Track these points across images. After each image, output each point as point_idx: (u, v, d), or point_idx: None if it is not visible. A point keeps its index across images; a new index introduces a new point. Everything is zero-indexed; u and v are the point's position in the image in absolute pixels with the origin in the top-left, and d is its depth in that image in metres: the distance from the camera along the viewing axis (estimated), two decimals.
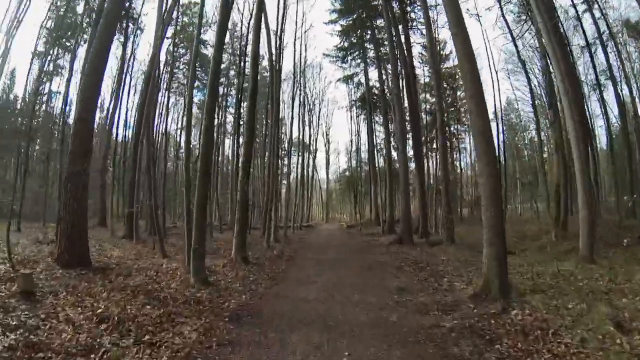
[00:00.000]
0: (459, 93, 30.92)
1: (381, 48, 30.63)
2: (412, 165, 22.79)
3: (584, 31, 17.10)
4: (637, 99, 18.33)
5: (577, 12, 16.83)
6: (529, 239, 16.39)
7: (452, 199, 26.71)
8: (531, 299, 5.97)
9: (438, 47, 26.75)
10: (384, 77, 29.30)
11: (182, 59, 28.89)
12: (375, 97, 35.12)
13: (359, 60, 34.94)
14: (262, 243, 15.88)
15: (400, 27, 21.77)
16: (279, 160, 27.61)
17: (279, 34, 19.08)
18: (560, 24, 15.13)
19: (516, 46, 18.97)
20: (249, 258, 11.46)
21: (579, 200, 10.86)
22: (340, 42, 34.85)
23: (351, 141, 41.29)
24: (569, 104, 10.56)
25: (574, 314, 5.06)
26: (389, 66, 32.40)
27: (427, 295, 7.29)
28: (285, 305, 6.60)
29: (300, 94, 31.48)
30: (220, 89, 27.64)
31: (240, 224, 11.38)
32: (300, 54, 29.38)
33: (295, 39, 25.25)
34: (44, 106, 27.55)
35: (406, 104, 23.81)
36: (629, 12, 17.63)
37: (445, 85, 31.26)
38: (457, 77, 27.87)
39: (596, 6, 16.54)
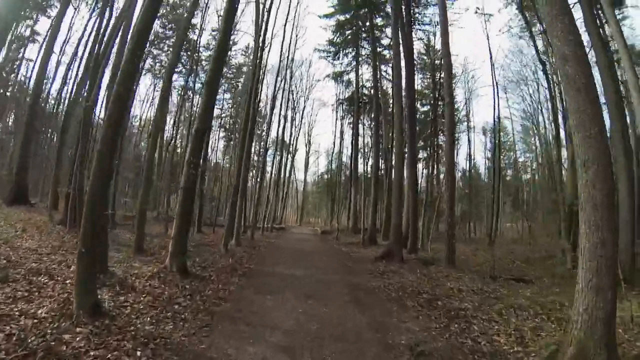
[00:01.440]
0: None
1: (379, 46, 27.85)
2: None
3: None
4: None
5: None
6: (536, 264, 13.69)
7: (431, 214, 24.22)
8: None
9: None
10: (379, 75, 26.36)
11: None
12: (364, 97, 32.28)
13: (351, 58, 32.01)
14: (220, 245, 12.37)
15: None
16: (258, 157, 24.31)
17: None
18: None
19: (535, 46, 16.34)
20: (188, 268, 7.96)
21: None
22: (334, 37, 31.92)
23: (333, 143, 38.11)
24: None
25: None
26: (383, 67, 30.15)
27: None
28: None
29: (284, 84, 28.07)
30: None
31: (181, 219, 7.80)
32: (291, 39, 25.88)
33: (286, 22, 21.77)
34: None
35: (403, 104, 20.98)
36: None
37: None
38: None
39: None
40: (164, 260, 8.33)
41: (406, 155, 17.23)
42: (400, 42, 15.76)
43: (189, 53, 26.17)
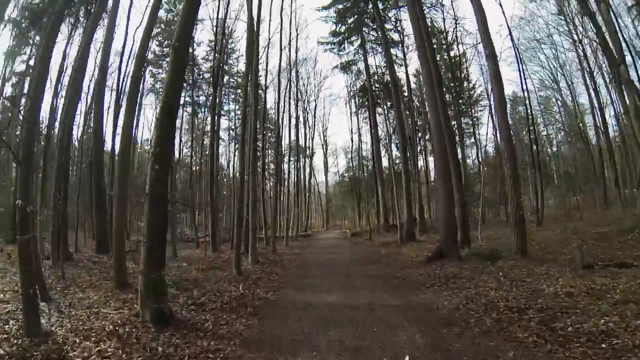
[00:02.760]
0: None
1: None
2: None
3: None
4: None
5: None
6: (614, 241, 10.48)
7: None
8: None
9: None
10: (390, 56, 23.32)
11: None
12: (377, 86, 29.32)
13: (357, 46, 29.16)
14: (232, 268, 9.68)
15: None
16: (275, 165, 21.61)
17: None
18: None
19: None
20: (174, 311, 5.26)
21: None
22: (336, 27, 29.22)
23: (351, 139, 35.19)
24: None
25: None
26: (393, 51, 27.01)
27: None
28: None
29: (290, 86, 25.44)
30: None
31: (149, 240, 5.03)
32: (290, 32, 23.26)
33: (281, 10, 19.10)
34: None
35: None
36: None
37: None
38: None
39: None
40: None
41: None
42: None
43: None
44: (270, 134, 33.88)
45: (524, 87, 20.86)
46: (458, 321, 4.81)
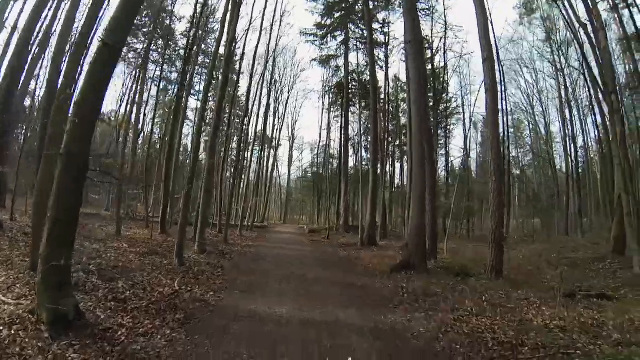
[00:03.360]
0: None
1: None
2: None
3: None
4: None
5: None
6: (583, 268, 10.47)
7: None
8: None
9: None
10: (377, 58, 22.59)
11: None
12: (354, 84, 28.59)
13: (340, 41, 28.20)
14: (174, 257, 8.33)
15: None
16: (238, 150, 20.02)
17: None
18: None
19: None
20: (72, 313, 3.95)
21: None
22: (322, 20, 28.06)
23: (319, 135, 34.25)
24: None
25: None
26: (375, 52, 26.30)
27: None
28: None
29: (265, 72, 23.99)
30: None
31: (55, 213, 3.61)
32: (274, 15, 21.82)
33: None
34: None
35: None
36: None
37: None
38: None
39: None
40: None
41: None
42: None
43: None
44: (238, 121, 32.16)
45: (502, 107, 21.10)
46: (441, 358, 3.95)
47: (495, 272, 8.53)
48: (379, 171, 20.76)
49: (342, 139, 27.18)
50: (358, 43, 27.93)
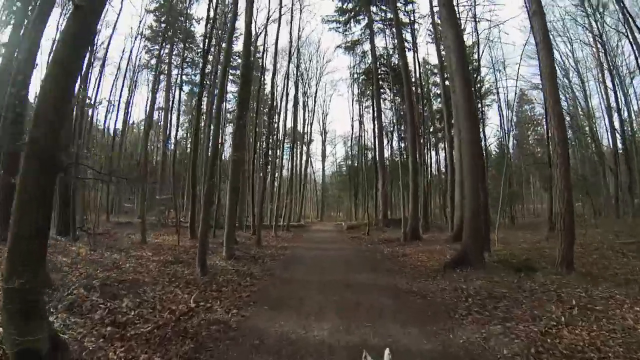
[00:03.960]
0: None
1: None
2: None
3: None
4: None
5: None
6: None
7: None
8: None
9: None
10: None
11: None
12: (384, 69, 26.87)
13: (363, 25, 26.60)
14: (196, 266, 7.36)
15: None
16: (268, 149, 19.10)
17: None
18: None
19: None
20: (45, 350, 2.97)
21: None
22: (343, 4, 26.68)
23: (352, 126, 32.58)
24: None
25: None
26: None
27: None
28: None
29: (290, 66, 22.91)
30: None
31: (18, 223, 2.69)
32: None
33: None
34: None
35: None
36: None
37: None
38: None
39: None
40: None
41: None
42: None
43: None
44: (266, 119, 31.47)
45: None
46: None
47: (566, 265, 6.91)
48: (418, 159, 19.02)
49: (376, 128, 25.62)
50: (382, 25, 26.27)
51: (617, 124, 20.71)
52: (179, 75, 25.91)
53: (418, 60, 25.43)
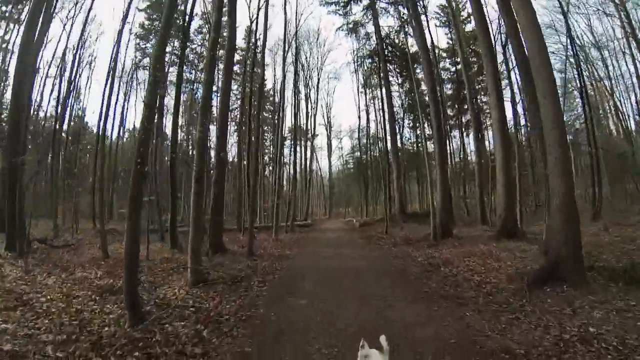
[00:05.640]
0: None
1: None
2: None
3: None
4: None
5: None
6: None
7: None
8: None
9: None
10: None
11: None
12: (392, 48, 23.82)
13: (365, 3, 23.44)
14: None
15: None
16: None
17: None
18: None
19: None
20: None
21: None
22: None
23: (359, 117, 29.30)
24: None
25: None
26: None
27: None
28: None
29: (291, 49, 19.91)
30: None
31: None
32: None
33: None
34: None
35: None
36: None
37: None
38: None
39: None
40: None
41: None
42: None
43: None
44: (269, 115, 28.70)
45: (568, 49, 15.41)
46: None
47: None
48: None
49: (386, 114, 22.47)
50: (386, 4, 23.13)
51: None
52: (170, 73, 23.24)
53: (432, 39, 22.38)
